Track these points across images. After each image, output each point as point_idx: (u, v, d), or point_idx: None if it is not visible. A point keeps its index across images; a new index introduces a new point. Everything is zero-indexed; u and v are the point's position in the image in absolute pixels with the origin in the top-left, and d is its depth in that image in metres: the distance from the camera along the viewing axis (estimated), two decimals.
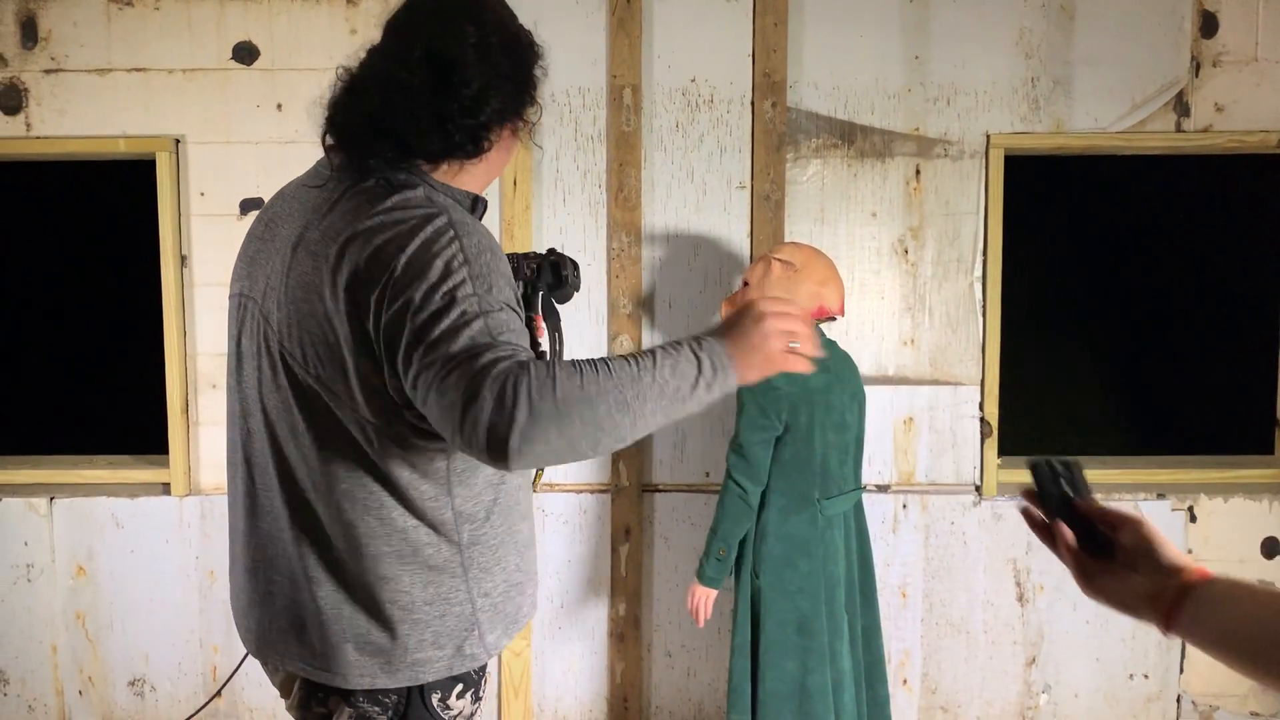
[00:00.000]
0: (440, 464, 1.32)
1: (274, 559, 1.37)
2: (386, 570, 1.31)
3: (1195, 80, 2.99)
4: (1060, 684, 3.10)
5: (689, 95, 3.00)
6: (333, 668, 1.33)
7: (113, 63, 3.01)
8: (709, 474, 3.07)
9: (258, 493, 1.39)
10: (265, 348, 1.33)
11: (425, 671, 1.34)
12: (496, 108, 1.33)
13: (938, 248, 3.03)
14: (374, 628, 1.32)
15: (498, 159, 1.43)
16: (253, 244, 1.42)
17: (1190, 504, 3.06)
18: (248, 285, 1.40)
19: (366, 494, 1.30)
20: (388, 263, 1.19)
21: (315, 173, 1.39)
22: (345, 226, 1.25)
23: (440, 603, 1.34)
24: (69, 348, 4.67)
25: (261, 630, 1.39)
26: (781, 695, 2.36)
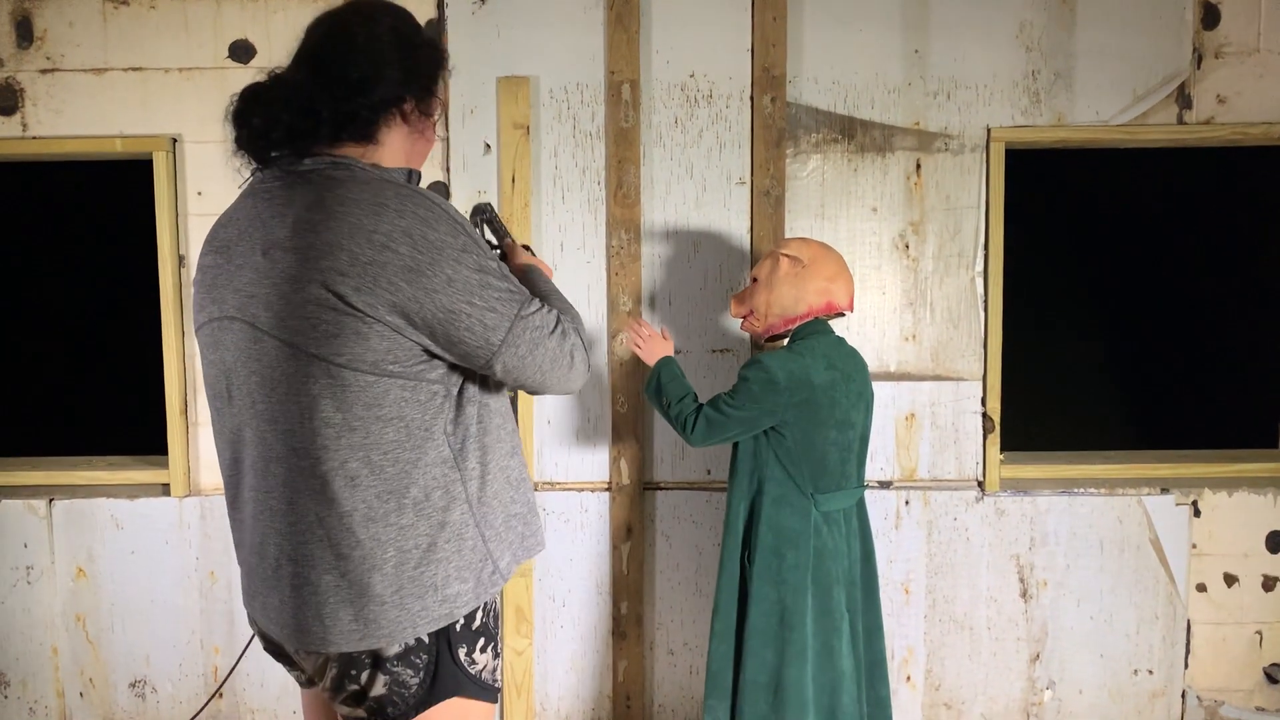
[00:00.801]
0: (440, 404, 1.44)
1: (296, 554, 1.42)
2: (405, 519, 1.41)
3: (1197, 72, 2.98)
4: (1064, 680, 3.09)
5: (688, 91, 2.99)
6: (377, 632, 1.41)
7: (109, 62, 3.00)
8: (710, 471, 3.05)
9: (265, 496, 1.45)
10: (257, 350, 1.41)
11: (458, 605, 1.46)
12: (380, 93, 1.46)
13: (939, 242, 3.01)
14: (404, 579, 1.41)
15: (400, 149, 1.54)
16: (207, 274, 1.50)
17: (1194, 498, 3.05)
18: (216, 310, 1.47)
19: (381, 454, 1.39)
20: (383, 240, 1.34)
21: (247, 194, 1.50)
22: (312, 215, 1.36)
23: (455, 539, 1.45)
24: (67, 349, 4.66)
25: (293, 623, 1.44)
26: (759, 684, 2.36)
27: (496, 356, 1.44)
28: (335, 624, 1.41)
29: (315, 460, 1.39)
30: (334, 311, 1.34)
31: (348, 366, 1.35)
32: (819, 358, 2.35)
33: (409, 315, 1.36)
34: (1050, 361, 4.21)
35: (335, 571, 1.41)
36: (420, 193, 1.41)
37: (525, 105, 2.95)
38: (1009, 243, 3.03)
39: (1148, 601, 3.07)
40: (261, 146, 1.46)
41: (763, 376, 2.30)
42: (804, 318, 2.43)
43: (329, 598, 1.41)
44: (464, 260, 1.39)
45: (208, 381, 1.54)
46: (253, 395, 1.43)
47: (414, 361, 1.40)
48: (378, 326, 1.35)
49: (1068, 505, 3.05)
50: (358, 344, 1.35)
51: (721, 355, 3.03)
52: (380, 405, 1.38)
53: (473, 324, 1.40)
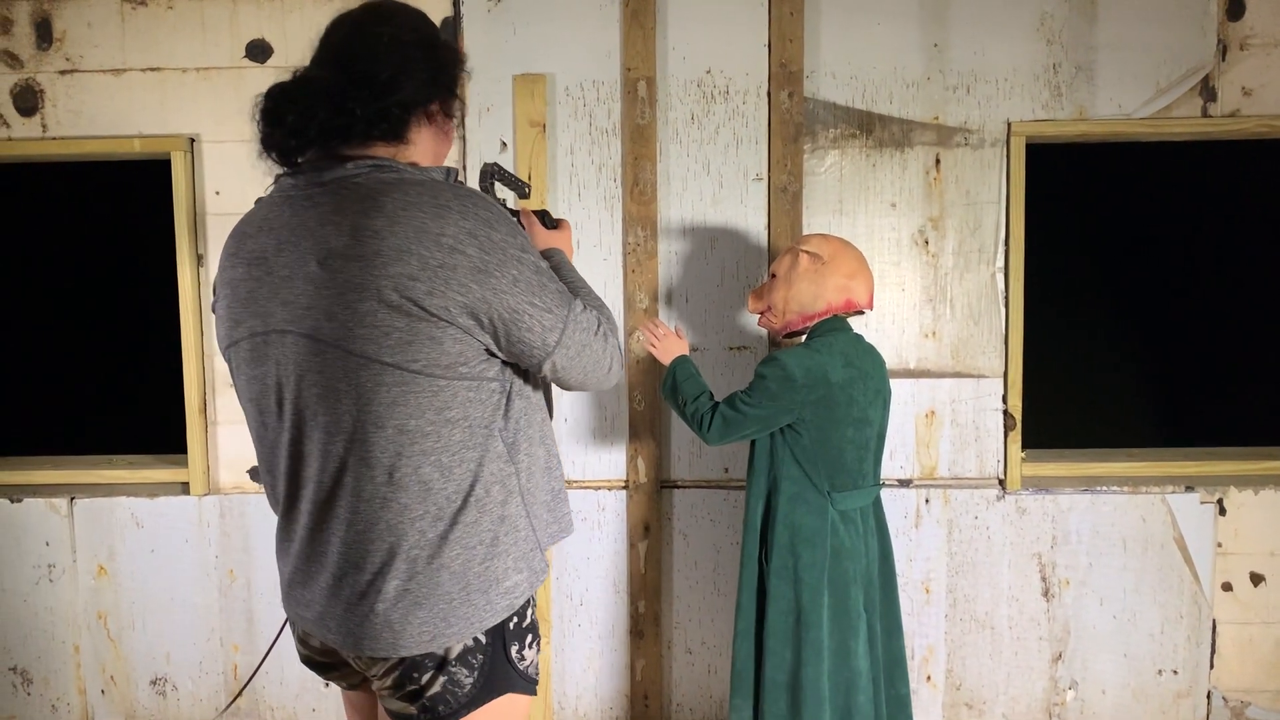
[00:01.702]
0: (498, 400, 1.46)
1: (364, 563, 1.43)
2: (470, 516, 1.43)
3: (1222, 64, 2.93)
4: (1087, 680, 3.06)
5: (704, 87, 2.97)
6: (447, 631, 1.43)
7: (127, 63, 3.01)
8: (728, 470, 3.04)
9: (328, 506, 1.45)
10: (319, 362, 1.39)
11: (517, 596, 1.49)
12: (409, 92, 1.46)
13: (959, 238, 2.98)
14: (471, 575, 1.44)
15: (428, 150, 1.54)
16: (240, 288, 1.47)
17: (1219, 496, 3.00)
18: (259, 324, 1.44)
19: (450, 456, 1.41)
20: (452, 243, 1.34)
21: (276, 201, 1.47)
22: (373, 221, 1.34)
23: (512, 531, 1.48)
24: (87, 348, 4.69)
25: (361, 632, 1.44)
26: (779, 684, 2.35)
27: (550, 356, 1.47)
28: (406, 628, 1.42)
29: (388, 469, 1.39)
30: (407, 317, 1.33)
31: (422, 372, 1.36)
32: (837, 355, 2.32)
33: (478, 316, 1.37)
34: (1072, 358, 4.17)
35: (404, 576, 1.42)
36: (476, 193, 1.42)
37: (541, 103, 2.94)
38: (1030, 238, 2.99)
39: (1172, 601, 3.03)
40: (293, 146, 1.44)
41: (780, 374, 2.28)
42: (822, 315, 2.41)
43: (400, 602, 1.42)
44: (524, 260, 1.41)
45: (249, 396, 1.51)
46: (313, 408, 1.42)
47: (478, 361, 1.41)
48: (451, 330, 1.36)
49: (1090, 503, 3.01)
50: (432, 349, 1.35)
51: (738, 353, 3.02)
52: (449, 408, 1.40)
53: (533, 324, 1.42)
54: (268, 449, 1.53)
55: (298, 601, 1.54)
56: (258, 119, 1.44)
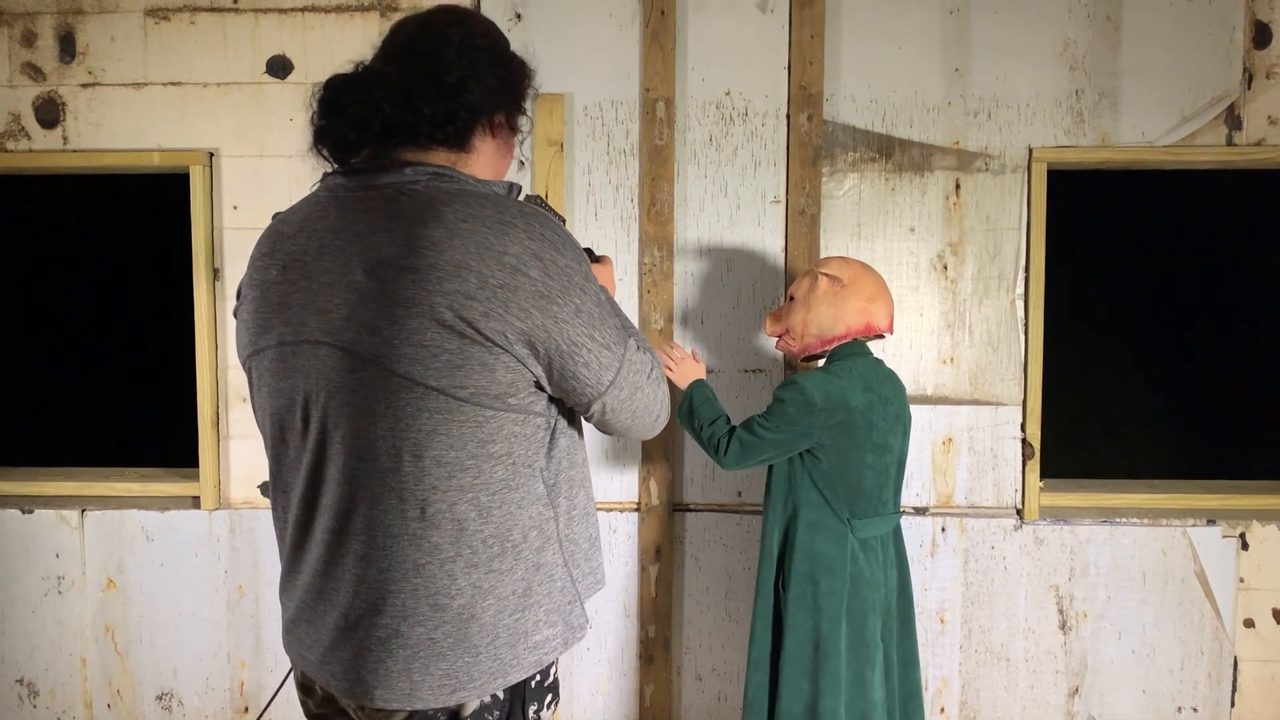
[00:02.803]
0: (542, 437, 1.36)
1: (383, 605, 1.30)
2: (506, 563, 1.33)
3: (1248, 92, 2.90)
4: (1104, 715, 3.00)
5: (723, 108, 2.96)
6: (468, 685, 1.32)
7: (149, 76, 3.03)
8: (741, 494, 3.01)
9: (347, 539, 1.32)
10: (355, 380, 1.27)
11: (546, 652, 1.38)
12: (477, 97, 1.37)
13: (978, 264, 2.95)
14: (501, 628, 1.33)
15: (489, 163, 1.45)
16: (273, 291, 1.35)
17: (1242, 531, 2.95)
18: (290, 332, 1.33)
19: (490, 495, 1.30)
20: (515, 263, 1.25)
21: (322, 201, 1.37)
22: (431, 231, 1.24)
23: (547, 581, 1.37)
24: (101, 360, 4.71)
25: (371, 679, 1.32)
26: (796, 714, 2.30)
27: (602, 397, 1.36)
28: (426, 679, 1.30)
29: (421, 503, 1.27)
30: (460, 339, 1.22)
31: (469, 400, 1.25)
32: (856, 379, 2.29)
33: (535, 345, 1.26)
34: (1092, 387, 4.13)
35: (429, 624, 1.30)
36: (542, 213, 1.31)
37: (560, 122, 2.94)
38: (1051, 265, 2.96)
39: (1192, 636, 2.97)
40: (352, 140, 1.34)
41: (799, 398, 2.26)
42: (842, 339, 2.38)
43: (420, 651, 1.30)
44: (588, 290, 1.31)
45: (269, 410, 1.39)
46: (342, 429, 1.29)
47: (527, 393, 1.30)
48: (504, 357, 1.25)
49: (1109, 535, 2.96)
50: (483, 376, 1.24)
51: (754, 375, 2.99)
52: (494, 441, 1.29)
53: (590, 360, 1.32)
54: (285, 469, 1.41)
55: (300, 641, 1.42)
56: (314, 108, 1.35)
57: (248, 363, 1.43)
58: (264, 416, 1.42)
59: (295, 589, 1.42)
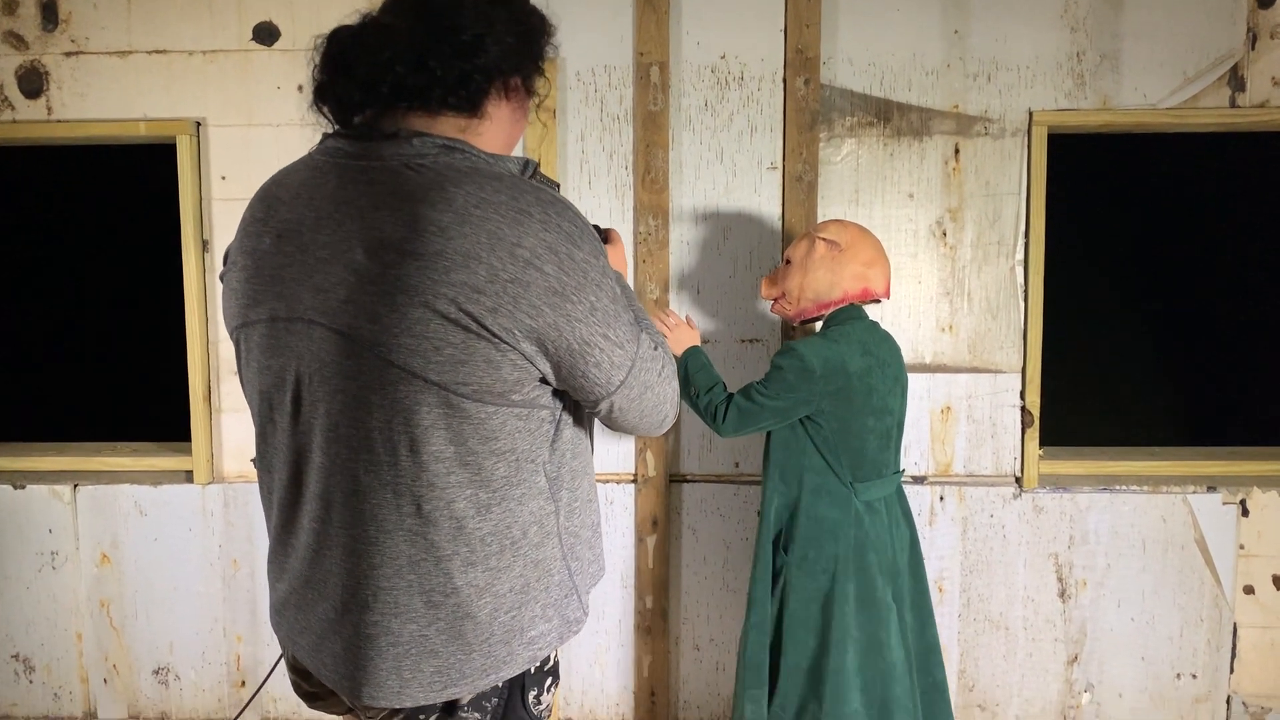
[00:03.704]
0: (546, 430, 1.29)
1: (374, 601, 1.25)
2: (505, 560, 1.27)
3: (1251, 53, 2.85)
4: (1104, 683, 3.00)
5: (718, 73, 2.91)
6: (460, 682, 1.27)
7: (133, 45, 2.97)
8: (739, 464, 2.98)
9: (338, 531, 1.26)
10: (350, 366, 1.20)
11: (541, 648, 1.32)
12: (493, 58, 1.26)
13: (977, 230, 2.92)
14: (497, 625, 1.28)
15: (501, 130, 1.34)
16: (266, 262, 1.27)
17: (1242, 497, 2.93)
18: (282, 307, 1.25)
19: (490, 492, 1.23)
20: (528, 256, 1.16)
21: (321, 167, 1.28)
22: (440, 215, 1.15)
23: (545, 576, 1.31)
24: (91, 334, 4.68)
25: (361, 675, 1.27)
26: (801, 669, 2.30)
27: (611, 396, 1.29)
28: (416, 676, 1.25)
29: (417, 499, 1.20)
30: (464, 333, 1.14)
31: (471, 397, 1.17)
32: (854, 344, 2.27)
33: (544, 343, 1.19)
34: (1092, 354, 4.10)
35: (422, 620, 1.24)
36: (560, 200, 1.23)
37: (552, 88, 2.89)
38: (1051, 231, 2.92)
39: (1192, 603, 2.96)
40: (357, 101, 1.24)
41: (798, 365, 2.23)
42: (838, 303, 2.35)
43: (411, 649, 1.25)
44: (604, 286, 1.23)
45: (258, 388, 1.32)
46: (333, 416, 1.22)
47: (532, 388, 1.23)
48: (511, 354, 1.17)
49: (1109, 503, 2.95)
50: (488, 373, 1.17)
51: (751, 345, 2.96)
52: (496, 438, 1.22)
53: (602, 360, 1.24)
54: (271, 448, 1.34)
55: (291, 625, 1.37)
56: (316, 62, 1.26)
57: (236, 334, 1.35)
58: (252, 391, 1.35)
59: (284, 571, 1.37)
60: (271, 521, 1.38)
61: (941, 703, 2.46)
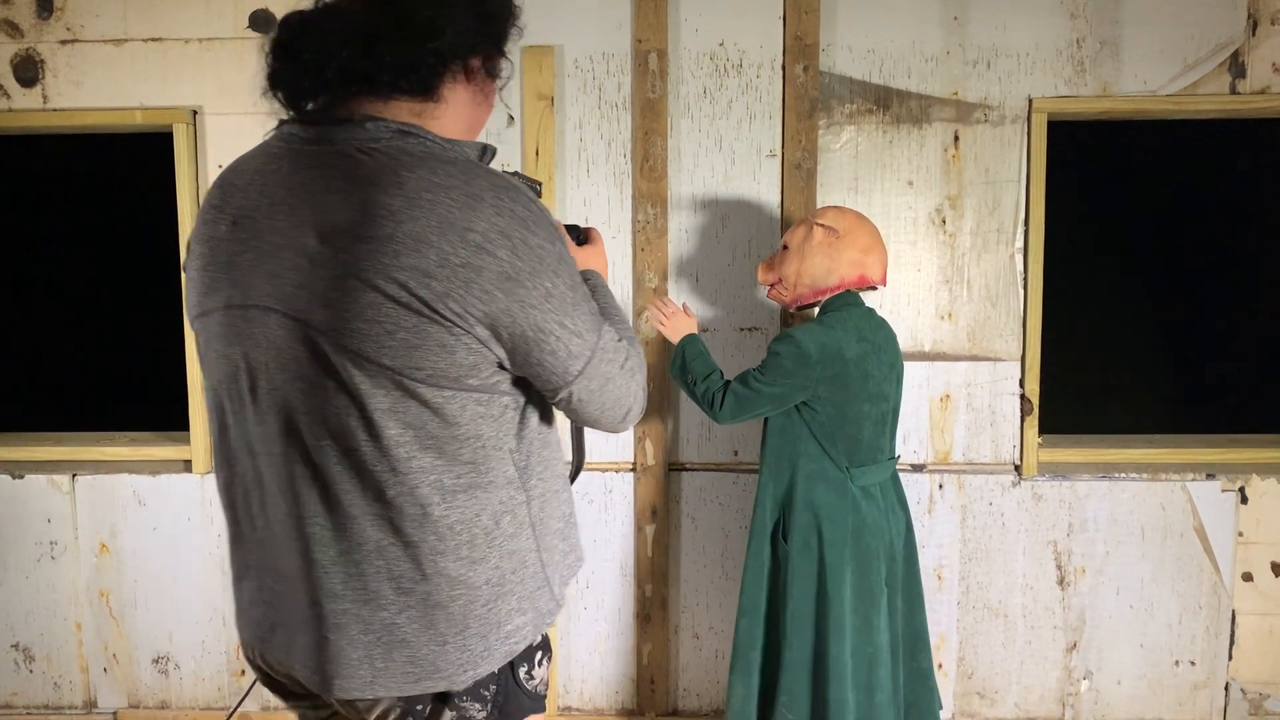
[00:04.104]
0: (511, 417, 1.27)
1: (343, 590, 1.23)
2: (477, 551, 1.25)
3: (1252, 40, 2.84)
4: (1102, 670, 3.00)
5: (717, 60, 2.89)
6: (433, 675, 1.25)
7: (129, 33, 2.96)
8: (737, 453, 2.98)
9: (303, 522, 1.24)
10: (305, 353, 1.19)
11: (517, 641, 1.31)
12: (448, 41, 1.24)
13: (977, 217, 2.91)
14: (471, 618, 1.26)
15: (461, 114, 1.32)
16: (220, 249, 1.26)
17: (1241, 485, 2.93)
18: (238, 295, 1.23)
19: (455, 478, 1.22)
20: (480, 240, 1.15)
21: (275, 153, 1.26)
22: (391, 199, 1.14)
23: (520, 568, 1.30)
24: (90, 324, 4.67)
25: (332, 668, 1.25)
26: (802, 662, 2.32)
27: (569, 386, 1.28)
28: (388, 666, 1.23)
29: (379, 485, 1.19)
30: (417, 317, 1.13)
31: (426, 382, 1.16)
32: (850, 330, 2.28)
33: (498, 329, 1.18)
34: (1091, 342, 4.10)
35: (393, 607, 1.23)
36: (515, 185, 1.21)
37: (550, 75, 2.88)
38: (1050, 218, 2.91)
39: (1191, 591, 2.97)
40: (306, 87, 1.23)
41: (794, 350, 2.24)
42: (835, 289, 2.36)
43: (383, 637, 1.23)
44: (561, 272, 1.22)
45: (216, 378, 1.30)
46: (292, 404, 1.21)
47: (490, 373, 1.22)
48: (465, 339, 1.16)
49: (1108, 490, 2.95)
50: (442, 357, 1.16)
51: (749, 333, 2.95)
52: (457, 423, 1.20)
53: (558, 348, 1.23)
54: (229, 441, 1.31)
55: (258, 624, 1.34)
56: (268, 50, 1.24)
57: (195, 324, 1.33)
58: (209, 383, 1.32)
59: (249, 567, 1.34)
60: (232, 517, 1.35)
61: (925, 689, 2.47)
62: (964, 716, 3.03)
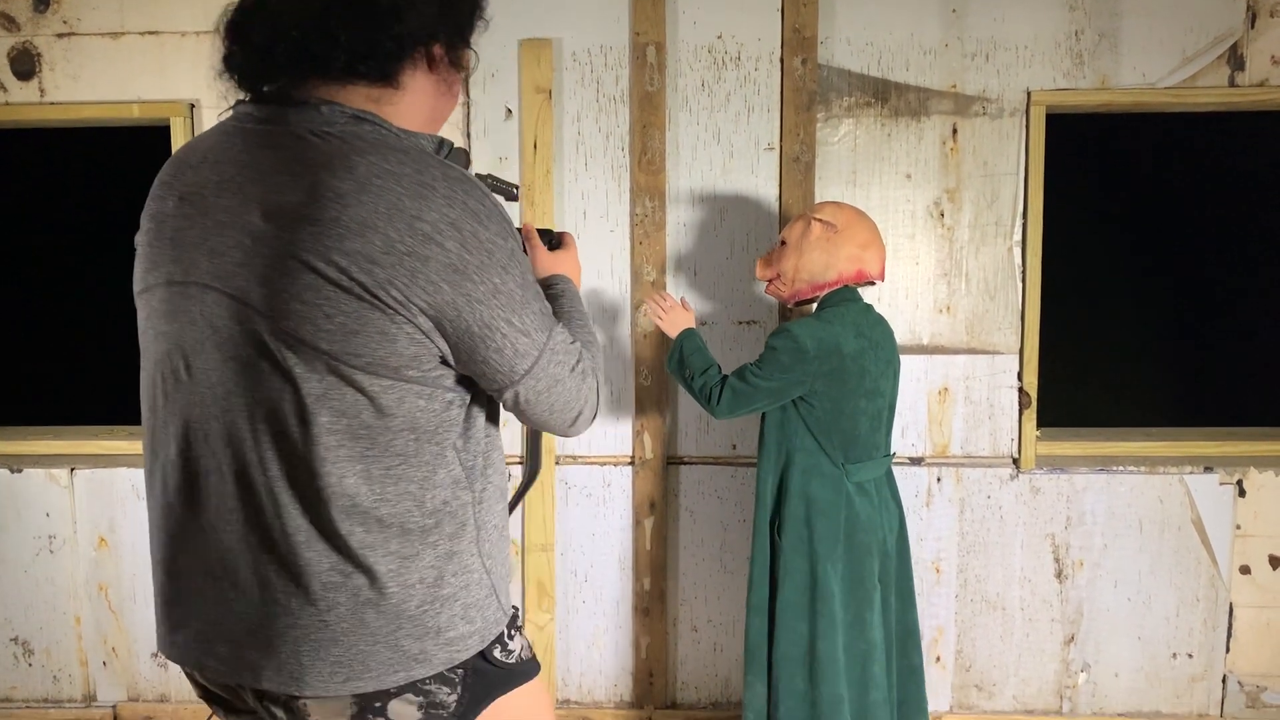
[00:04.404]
0: (455, 414, 1.25)
1: (271, 579, 1.20)
2: (411, 548, 1.22)
3: (1250, 32, 2.84)
4: (1100, 663, 3.01)
5: (715, 53, 2.89)
6: (364, 674, 1.21)
7: (126, 25, 2.95)
8: (735, 446, 2.98)
9: (233, 510, 1.20)
10: (241, 332, 1.16)
11: (460, 651, 1.26)
12: (411, 26, 1.22)
13: (975, 211, 2.91)
14: (404, 618, 1.22)
15: (422, 103, 1.30)
16: (167, 225, 1.23)
17: (1239, 477, 2.94)
18: (178, 271, 1.21)
19: (385, 470, 1.19)
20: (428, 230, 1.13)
21: (229, 131, 1.24)
22: (339, 182, 1.12)
23: (463, 572, 1.26)
24: (87, 317, 4.66)
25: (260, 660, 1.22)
26: (794, 658, 2.32)
27: (515, 385, 1.24)
28: (315, 664, 1.19)
29: (310, 473, 1.16)
30: (357, 302, 1.11)
31: (364, 369, 1.14)
32: (848, 326, 2.28)
33: (441, 322, 1.15)
34: (1090, 335, 4.10)
35: (321, 604, 1.19)
36: (469, 178, 1.19)
37: (548, 68, 2.87)
38: (1049, 211, 2.91)
39: (1188, 583, 2.97)
40: (258, 70, 1.21)
41: (792, 346, 2.24)
42: (833, 285, 2.36)
43: (310, 633, 1.19)
44: (511, 269, 1.19)
45: (152, 356, 1.26)
46: (226, 385, 1.18)
47: (432, 367, 1.19)
48: (407, 327, 1.14)
49: (1106, 484, 2.95)
50: (382, 345, 1.13)
51: (747, 327, 2.95)
52: (393, 414, 1.18)
53: (504, 345, 1.20)
54: (159, 424, 1.26)
55: (180, 624, 1.28)
56: (220, 33, 1.23)
57: (138, 299, 1.30)
58: (145, 361, 1.28)
59: (175, 561, 1.28)
60: (158, 506, 1.29)
61: (915, 686, 2.48)
62: (962, 709, 3.04)
